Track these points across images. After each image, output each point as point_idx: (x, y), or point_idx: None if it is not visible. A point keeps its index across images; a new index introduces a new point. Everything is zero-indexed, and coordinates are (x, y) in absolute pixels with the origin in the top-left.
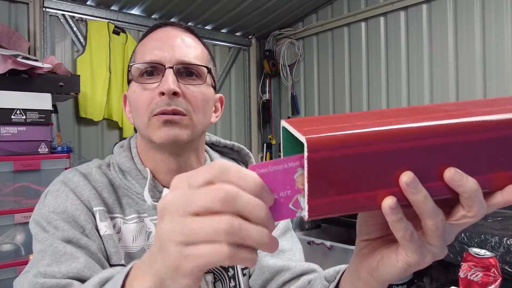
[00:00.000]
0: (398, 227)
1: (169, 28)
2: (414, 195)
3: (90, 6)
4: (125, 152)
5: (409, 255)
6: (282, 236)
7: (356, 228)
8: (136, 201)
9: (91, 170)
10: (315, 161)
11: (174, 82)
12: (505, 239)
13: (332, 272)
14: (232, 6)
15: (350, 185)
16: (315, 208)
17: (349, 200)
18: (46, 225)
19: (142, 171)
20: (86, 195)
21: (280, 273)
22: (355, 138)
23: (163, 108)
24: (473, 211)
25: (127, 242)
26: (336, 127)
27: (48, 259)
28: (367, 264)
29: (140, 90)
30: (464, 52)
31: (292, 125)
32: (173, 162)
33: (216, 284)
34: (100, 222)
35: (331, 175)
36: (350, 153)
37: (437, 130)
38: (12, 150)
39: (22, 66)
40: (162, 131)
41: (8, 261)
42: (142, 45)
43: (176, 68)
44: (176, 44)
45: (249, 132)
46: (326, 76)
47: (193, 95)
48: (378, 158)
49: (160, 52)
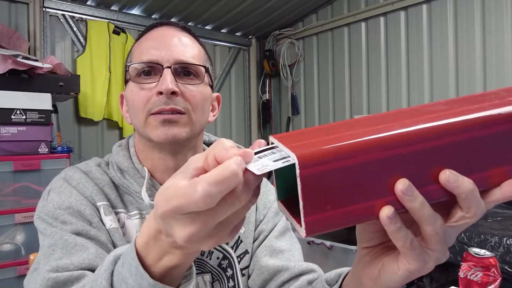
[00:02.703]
0: (398, 236)
1: (166, 27)
2: (410, 203)
3: (90, 6)
4: (123, 151)
5: (410, 262)
6: (281, 236)
7: (356, 236)
8: (136, 200)
9: (91, 168)
10: (308, 177)
11: (173, 82)
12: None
13: (333, 275)
14: (232, 6)
15: (345, 198)
16: (312, 225)
17: (346, 213)
18: (53, 221)
19: (140, 170)
20: (89, 191)
21: (279, 273)
22: (345, 150)
23: (160, 107)
24: (472, 211)
25: (131, 237)
26: (325, 140)
27: (60, 252)
28: (369, 272)
29: (137, 89)
30: (464, 52)
31: (280, 141)
32: (171, 160)
33: (214, 284)
34: (105, 216)
35: (325, 189)
36: (342, 166)
37: (428, 134)
38: (12, 150)
39: (22, 66)
40: (161, 130)
41: (8, 261)
42: (139, 45)
43: (174, 68)
44: (173, 44)
45: (249, 132)
46: (326, 76)
47: (192, 94)
48: (371, 168)
49: (157, 52)
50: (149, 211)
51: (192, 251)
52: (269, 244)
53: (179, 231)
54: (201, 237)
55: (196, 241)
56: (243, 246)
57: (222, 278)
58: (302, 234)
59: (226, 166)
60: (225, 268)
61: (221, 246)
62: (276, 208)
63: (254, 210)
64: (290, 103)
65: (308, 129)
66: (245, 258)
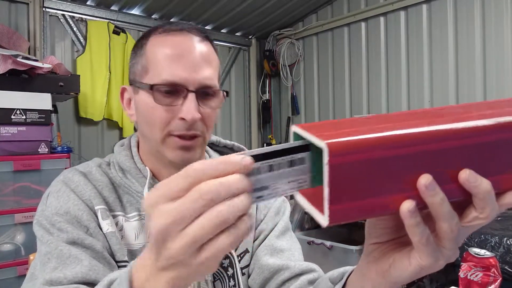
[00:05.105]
0: (416, 231)
1: (186, 35)
2: (432, 198)
3: (90, 6)
4: (125, 151)
5: (423, 258)
6: (281, 236)
7: (365, 232)
8: (137, 200)
9: (91, 169)
10: (336, 166)
11: (196, 108)
12: (505, 239)
13: (337, 274)
14: (232, 6)
15: (368, 190)
16: (335, 214)
17: (368, 205)
18: (50, 227)
19: (142, 170)
20: (87, 194)
21: (279, 272)
22: (375, 142)
23: (182, 132)
24: (486, 212)
25: (129, 240)
26: (353, 131)
27: (55, 261)
28: (378, 267)
29: (156, 105)
30: (464, 52)
31: (307, 130)
32: (177, 170)
33: (216, 283)
34: (102, 220)
35: (350, 179)
36: (369, 157)
37: (453, 133)
38: (12, 150)
39: (22, 66)
40: (179, 154)
41: (8, 261)
42: (156, 49)
43: (198, 92)
44: (197, 62)
45: (249, 132)
46: (326, 76)
47: (209, 116)
48: (396, 162)
49: (182, 73)
50: None
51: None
52: (269, 244)
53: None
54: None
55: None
56: (244, 245)
57: (224, 277)
58: (324, 222)
59: None
60: (226, 267)
61: None
62: (277, 208)
63: (254, 209)
64: (290, 103)
65: (331, 120)
66: (245, 257)
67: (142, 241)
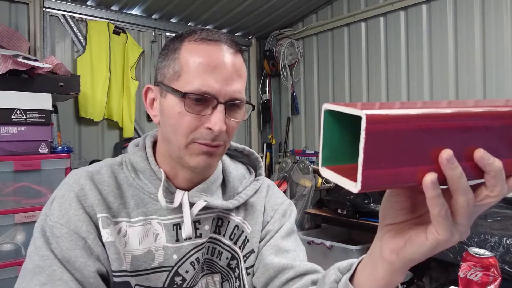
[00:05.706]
0: (436, 202)
1: (222, 46)
2: (452, 171)
3: (90, 6)
4: (140, 151)
5: (440, 232)
6: (287, 237)
7: (380, 215)
8: (146, 202)
9: (101, 169)
10: (372, 133)
11: (224, 120)
12: (504, 239)
13: (345, 264)
14: (232, 6)
15: (398, 159)
16: (367, 180)
17: (396, 174)
18: (50, 236)
19: (156, 172)
20: (91, 200)
21: (284, 271)
22: (405, 115)
23: (208, 142)
24: (496, 190)
25: (133, 245)
26: (387, 106)
27: (45, 277)
28: (394, 244)
29: (185, 112)
30: (464, 52)
31: (343, 105)
32: (193, 176)
33: (224, 284)
34: (102, 229)
35: (383, 148)
36: (401, 128)
37: (472, 115)
38: (12, 150)
39: (22, 66)
40: (201, 159)
41: (8, 261)
42: (193, 58)
43: (227, 104)
44: (229, 76)
45: (249, 132)
46: (326, 76)
47: (233, 127)
48: (423, 135)
49: (215, 85)
50: (162, 212)
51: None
52: (275, 243)
53: None
54: None
55: None
56: (250, 246)
57: (231, 278)
58: (355, 189)
59: None
60: (234, 268)
61: (229, 246)
62: (284, 210)
63: (262, 211)
64: (290, 103)
65: (363, 102)
66: (251, 257)
67: (146, 246)
